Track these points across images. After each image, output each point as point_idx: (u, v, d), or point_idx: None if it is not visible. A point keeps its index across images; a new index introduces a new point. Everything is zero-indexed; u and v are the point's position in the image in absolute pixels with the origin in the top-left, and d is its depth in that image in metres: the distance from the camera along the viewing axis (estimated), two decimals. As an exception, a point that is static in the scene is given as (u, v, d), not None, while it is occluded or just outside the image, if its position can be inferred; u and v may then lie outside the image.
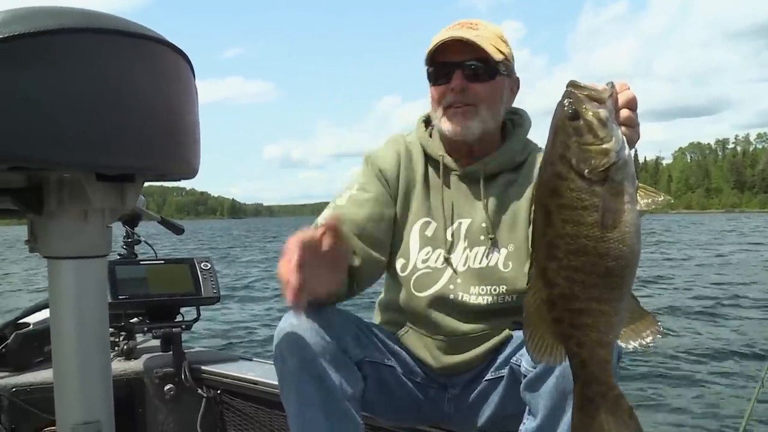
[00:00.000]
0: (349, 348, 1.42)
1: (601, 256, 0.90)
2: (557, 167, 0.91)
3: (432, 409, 1.59)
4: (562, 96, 0.93)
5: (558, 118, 0.92)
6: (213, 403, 2.17)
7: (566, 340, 0.95)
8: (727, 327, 7.70)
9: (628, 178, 0.91)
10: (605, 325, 0.93)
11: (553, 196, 0.91)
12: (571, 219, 0.90)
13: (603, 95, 0.92)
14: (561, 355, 0.96)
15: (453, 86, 1.49)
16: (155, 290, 2.14)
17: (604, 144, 0.89)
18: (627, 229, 0.90)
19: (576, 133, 0.90)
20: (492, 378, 1.52)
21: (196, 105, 1.07)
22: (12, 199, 0.97)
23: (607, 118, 0.90)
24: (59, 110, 0.84)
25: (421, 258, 1.55)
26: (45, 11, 0.86)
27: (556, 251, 0.92)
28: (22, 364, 2.03)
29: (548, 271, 0.93)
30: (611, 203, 0.90)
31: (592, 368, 0.95)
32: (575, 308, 0.93)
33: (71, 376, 1.00)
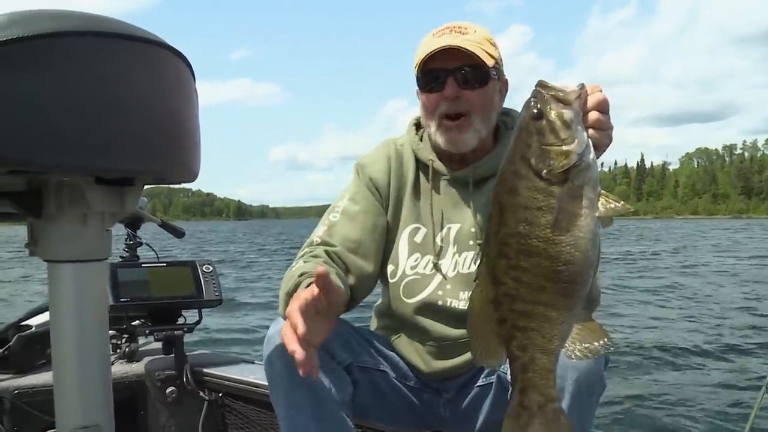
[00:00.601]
0: (337, 353, 1.42)
1: (552, 259, 0.89)
2: (516, 166, 0.90)
3: (429, 414, 1.59)
4: (530, 95, 0.92)
5: (522, 117, 0.92)
6: (215, 405, 2.17)
7: (508, 342, 0.93)
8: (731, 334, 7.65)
9: (589, 182, 0.89)
10: (550, 331, 0.91)
11: (510, 194, 0.90)
12: (524, 218, 0.89)
13: (569, 96, 0.91)
14: (502, 357, 0.95)
15: (447, 94, 1.46)
16: (157, 293, 2.15)
17: (565, 145, 0.88)
18: (581, 234, 0.88)
19: (538, 133, 0.89)
20: (483, 384, 1.52)
21: (197, 108, 1.07)
22: (11, 203, 0.97)
23: (571, 120, 0.89)
24: (59, 114, 0.84)
25: (410, 264, 1.55)
26: (45, 14, 0.86)
27: (506, 249, 0.91)
28: (24, 367, 2.03)
29: (497, 269, 0.92)
30: (568, 206, 0.88)
31: (531, 374, 0.93)
32: (520, 310, 0.91)
33: (71, 380, 0.99)
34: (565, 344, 0.92)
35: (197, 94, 1.07)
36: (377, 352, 1.55)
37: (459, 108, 1.47)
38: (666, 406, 4.76)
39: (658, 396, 4.99)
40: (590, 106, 0.96)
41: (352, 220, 1.53)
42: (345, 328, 1.50)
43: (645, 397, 4.93)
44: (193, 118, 1.05)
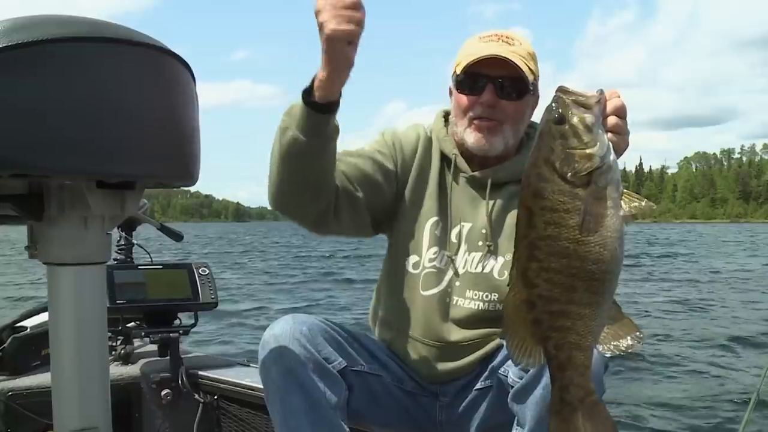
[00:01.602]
0: (331, 357, 1.43)
1: (582, 259, 0.91)
2: (541, 169, 0.92)
3: (425, 418, 1.59)
4: (551, 101, 0.95)
5: (545, 121, 0.94)
6: (210, 408, 2.17)
7: (544, 342, 0.95)
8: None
9: (612, 183, 0.92)
10: (584, 328, 0.94)
11: (536, 197, 0.92)
12: (552, 221, 0.91)
13: (590, 101, 0.93)
14: (539, 356, 0.97)
15: (483, 100, 1.50)
16: (153, 295, 2.14)
17: (588, 148, 0.91)
18: (609, 233, 0.91)
19: (561, 137, 0.91)
20: (481, 387, 1.53)
21: (197, 113, 1.07)
22: (12, 205, 0.97)
23: (592, 124, 0.92)
24: (61, 117, 0.85)
25: (429, 257, 1.57)
26: (48, 20, 0.86)
27: (537, 252, 0.93)
28: (19, 368, 2.02)
29: (529, 272, 0.94)
30: (593, 207, 0.91)
31: (569, 372, 0.95)
32: (554, 310, 0.93)
33: (69, 383, 1.00)
34: (598, 340, 0.95)
35: (197, 98, 1.08)
36: (372, 355, 1.56)
37: (493, 115, 1.51)
38: (663, 411, 4.77)
39: (656, 401, 5.00)
40: (609, 111, 0.99)
41: (365, 159, 1.55)
42: (339, 331, 1.51)
43: (643, 402, 4.95)
44: (194, 122, 1.06)
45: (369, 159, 1.55)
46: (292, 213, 1.48)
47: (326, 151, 1.38)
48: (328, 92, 1.30)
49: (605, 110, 0.98)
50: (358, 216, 1.52)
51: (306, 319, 1.46)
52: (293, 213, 1.48)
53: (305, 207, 1.45)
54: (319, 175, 1.40)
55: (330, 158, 1.40)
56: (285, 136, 1.35)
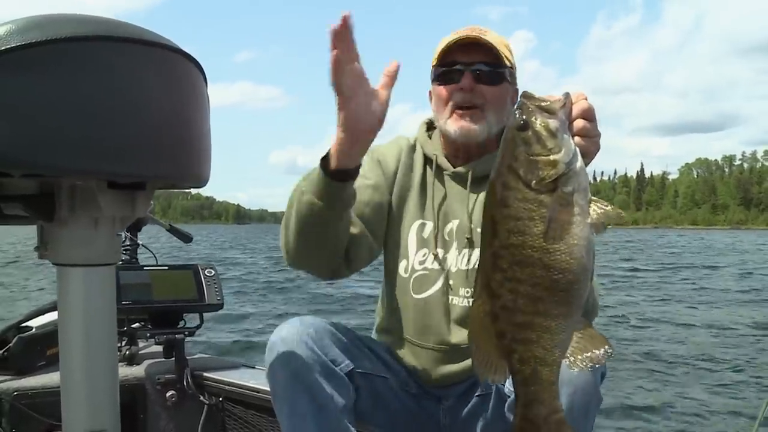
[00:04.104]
0: (339, 359, 1.42)
1: (547, 269, 0.88)
2: (505, 177, 0.90)
3: (429, 421, 1.58)
4: (515, 107, 0.93)
5: (508, 128, 0.92)
6: (214, 410, 2.16)
7: (509, 356, 0.92)
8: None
9: (579, 190, 0.89)
10: (550, 341, 0.90)
11: (500, 206, 0.90)
12: (516, 229, 0.89)
13: (554, 106, 0.92)
14: (505, 372, 0.94)
15: (462, 85, 1.51)
16: (158, 296, 2.15)
17: (552, 154, 0.89)
18: (575, 241, 0.88)
19: (524, 143, 0.90)
20: (482, 394, 1.52)
21: (208, 114, 1.07)
22: (23, 206, 0.97)
23: (556, 129, 0.90)
24: (72, 118, 0.84)
25: (418, 260, 1.57)
26: (61, 19, 0.86)
27: (500, 262, 0.90)
28: (24, 368, 2.02)
29: (493, 282, 0.91)
30: (559, 214, 0.88)
31: (534, 387, 0.92)
32: (518, 322, 0.90)
33: (78, 384, 0.99)
34: (565, 354, 0.92)
35: (209, 99, 1.08)
36: (378, 358, 1.55)
37: (474, 100, 1.51)
38: (665, 419, 4.75)
39: (656, 408, 4.98)
40: (575, 114, 0.97)
41: (359, 191, 1.52)
42: (346, 334, 1.50)
43: (643, 409, 4.92)
44: (205, 123, 1.05)
45: (362, 189, 1.54)
46: (307, 269, 1.51)
47: (343, 218, 1.38)
48: (347, 161, 1.29)
49: (571, 114, 0.95)
50: (370, 251, 1.55)
51: (313, 322, 1.46)
52: (308, 269, 1.51)
53: (321, 266, 1.48)
54: (336, 239, 1.41)
55: (347, 223, 1.42)
56: (302, 200, 1.35)
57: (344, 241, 1.44)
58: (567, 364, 0.92)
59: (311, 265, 1.48)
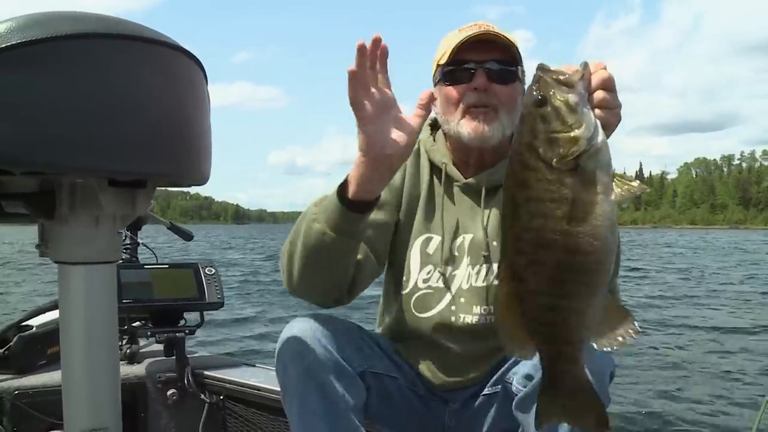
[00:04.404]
0: (352, 358, 1.39)
1: (571, 252, 0.85)
2: (524, 157, 0.86)
3: (435, 422, 1.57)
4: (531, 81, 0.88)
5: (525, 104, 0.88)
6: (215, 408, 2.16)
7: (535, 336, 0.92)
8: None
9: (601, 166, 0.85)
10: (576, 322, 0.89)
11: (520, 187, 0.86)
12: (538, 212, 0.85)
13: (572, 78, 0.87)
14: (532, 348, 0.93)
15: (476, 85, 1.42)
16: (159, 295, 2.14)
17: (573, 131, 0.84)
18: (599, 222, 0.85)
19: (543, 120, 0.85)
20: (489, 393, 1.50)
21: (209, 111, 1.07)
22: (24, 204, 0.97)
23: (576, 103, 0.85)
24: (73, 115, 0.84)
25: (422, 277, 1.50)
26: (60, 17, 0.86)
27: (523, 245, 0.87)
28: (24, 367, 2.03)
29: (516, 266, 0.89)
30: (582, 194, 0.84)
31: (560, 365, 0.92)
32: (543, 304, 0.89)
33: (80, 382, 0.99)
34: (592, 332, 0.90)
35: (209, 97, 1.08)
36: (389, 358, 1.52)
37: (488, 100, 1.43)
38: (666, 419, 4.75)
39: (663, 405, 4.98)
40: (595, 85, 0.92)
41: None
42: (359, 333, 1.48)
43: (645, 408, 4.92)
44: (205, 121, 1.05)
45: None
46: (308, 299, 1.44)
47: (355, 250, 1.32)
48: (366, 190, 1.22)
49: (590, 85, 0.90)
50: (373, 274, 1.49)
51: (326, 319, 1.42)
52: (310, 299, 1.44)
53: (325, 296, 1.42)
54: (344, 270, 1.35)
55: (356, 254, 1.35)
56: (312, 228, 1.28)
57: (352, 272, 1.38)
58: (593, 343, 0.90)
59: (314, 296, 1.42)
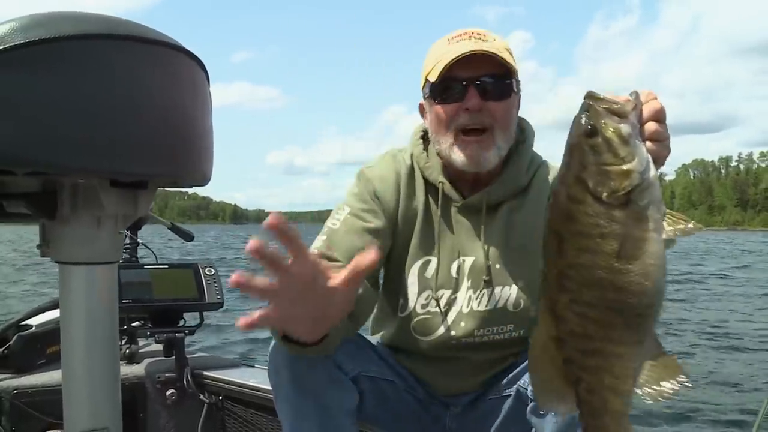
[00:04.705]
0: (344, 363, 1.37)
1: (620, 291, 0.80)
2: (572, 190, 0.81)
3: (436, 426, 1.56)
4: (579, 109, 0.83)
5: (574, 134, 0.83)
6: (214, 409, 2.16)
7: (576, 385, 0.85)
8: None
9: (654, 202, 0.81)
10: (621, 369, 0.83)
11: (567, 221, 0.82)
12: (586, 247, 0.80)
13: (625, 108, 0.82)
14: (571, 401, 0.86)
15: (469, 105, 1.32)
16: (159, 295, 2.14)
17: (625, 164, 0.80)
18: (650, 261, 0.80)
19: (593, 152, 0.80)
20: (495, 398, 1.47)
21: (210, 112, 1.07)
22: (26, 204, 0.97)
23: (629, 135, 0.81)
24: (74, 116, 0.84)
25: (421, 302, 1.45)
26: (63, 17, 0.86)
27: (567, 283, 0.82)
28: (23, 367, 2.02)
29: (558, 305, 0.83)
30: (633, 230, 0.79)
31: (604, 419, 0.84)
32: (587, 348, 0.83)
33: (80, 382, 0.99)
34: (637, 383, 0.84)
35: (211, 97, 1.08)
36: (385, 362, 1.50)
37: (481, 121, 1.33)
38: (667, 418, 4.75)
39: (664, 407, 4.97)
40: (647, 116, 0.88)
41: (356, 235, 1.39)
42: (353, 338, 1.45)
43: (651, 408, 4.92)
44: (207, 121, 1.05)
45: (358, 232, 1.39)
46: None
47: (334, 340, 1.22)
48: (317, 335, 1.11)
49: (641, 116, 0.86)
50: (373, 303, 1.44)
51: None
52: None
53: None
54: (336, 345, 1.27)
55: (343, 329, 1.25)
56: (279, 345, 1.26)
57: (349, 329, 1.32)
58: (639, 394, 0.84)
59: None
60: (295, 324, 1.01)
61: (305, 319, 0.99)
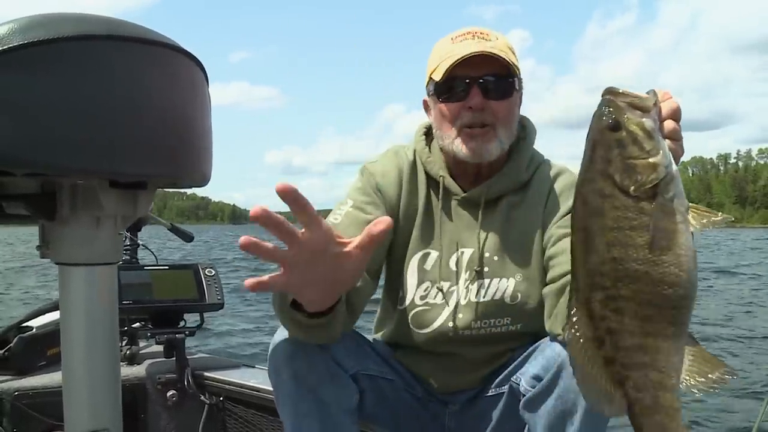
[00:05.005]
0: (343, 361, 1.38)
1: (656, 283, 0.79)
2: (598, 184, 0.80)
3: (434, 424, 1.56)
4: (600, 104, 0.83)
5: (597, 129, 0.82)
6: (215, 409, 2.16)
7: (622, 384, 0.83)
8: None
9: (679, 195, 0.81)
10: (666, 363, 0.81)
11: (595, 216, 0.81)
12: (617, 241, 0.79)
13: (647, 103, 0.82)
14: (622, 402, 0.83)
15: (472, 104, 1.36)
16: (159, 296, 2.14)
17: (651, 157, 0.80)
18: (682, 251, 0.79)
19: (618, 146, 0.80)
20: (492, 395, 1.49)
21: (209, 113, 1.07)
22: (25, 205, 0.97)
23: (653, 129, 0.81)
24: (74, 117, 0.84)
25: (419, 294, 1.47)
26: (62, 18, 0.86)
27: (601, 279, 0.81)
28: (24, 368, 2.02)
29: (593, 303, 0.82)
30: (662, 222, 0.79)
31: (658, 416, 0.82)
32: (628, 345, 0.81)
33: (80, 383, 0.99)
34: (681, 378, 0.83)
35: (210, 98, 1.08)
36: (384, 361, 1.52)
37: (484, 119, 1.37)
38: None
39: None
40: (665, 114, 0.88)
41: (357, 227, 1.37)
42: (351, 336, 1.46)
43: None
44: (206, 122, 1.05)
45: (360, 224, 1.38)
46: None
47: (337, 319, 1.23)
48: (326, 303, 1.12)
49: (661, 113, 0.86)
50: (371, 293, 1.43)
51: None
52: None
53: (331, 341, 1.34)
54: (340, 325, 1.28)
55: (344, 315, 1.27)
56: (282, 321, 1.27)
57: (346, 322, 1.32)
58: (685, 389, 0.83)
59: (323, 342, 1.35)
60: (306, 289, 1.02)
61: (316, 283, 1.01)
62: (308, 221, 0.90)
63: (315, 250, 0.93)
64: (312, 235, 0.91)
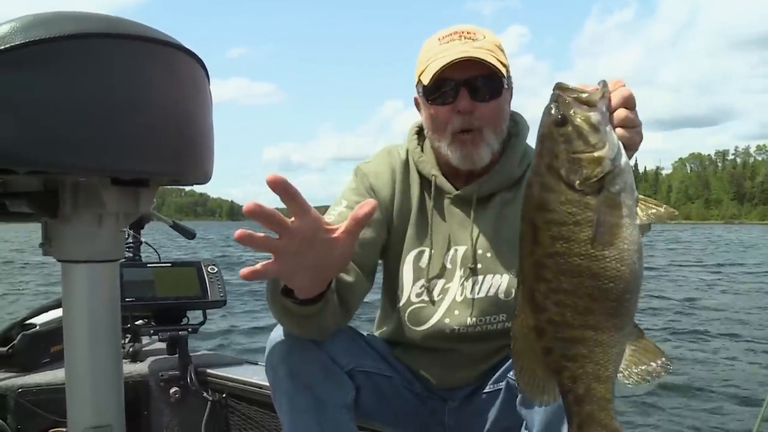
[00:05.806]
0: (339, 357, 1.39)
1: (597, 277, 0.81)
2: (545, 178, 0.82)
3: (433, 420, 1.57)
4: (549, 100, 0.85)
5: (544, 124, 0.84)
6: (218, 406, 2.17)
7: (558, 374, 0.85)
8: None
9: (626, 188, 0.82)
10: (603, 356, 0.83)
11: (541, 210, 0.82)
12: (561, 235, 0.81)
13: (593, 97, 0.83)
14: (555, 391, 0.86)
15: (460, 108, 1.37)
16: (162, 293, 2.14)
17: (596, 151, 0.81)
18: (626, 246, 0.81)
19: (564, 141, 0.81)
20: (490, 391, 1.50)
21: (210, 110, 1.07)
22: (27, 203, 0.98)
23: (598, 122, 0.82)
24: (75, 115, 0.85)
25: (415, 292, 1.49)
26: (63, 17, 0.86)
27: (544, 272, 0.82)
28: (28, 365, 2.03)
29: (536, 295, 0.84)
30: (607, 217, 0.80)
31: (589, 406, 0.85)
32: (567, 336, 0.83)
33: (83, 380, 1.00)
34: (619, 369, 0.85)
35: (211, 95, 1.08)
36: (381, 357, 1.53)
37: (472, 122, 1.39)
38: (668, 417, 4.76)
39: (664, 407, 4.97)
40: (615, 103, 0.89)
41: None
42: (348, 333, 1.48)
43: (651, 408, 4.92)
44: (207, 119, 1.06)
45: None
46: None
47: (327, 309, 1.26)
48: (316, 288, 1.15)
49: (611, 104, 0.87)
50: (365, 292, 1.46)
51: None
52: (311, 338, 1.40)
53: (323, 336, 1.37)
54: (332, 317, 1.31)
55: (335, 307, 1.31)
56: (275, 312, 1.29)
57: (338, 315, 1.34)
58: (622, 379, 0.85)
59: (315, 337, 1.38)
60: (297, 275, 1.06)
61: (307, 269, 1.04)
62: (298, 210, 0.95)
63: (304, 238, 0.97)
64: (301, 223, 0.96)
